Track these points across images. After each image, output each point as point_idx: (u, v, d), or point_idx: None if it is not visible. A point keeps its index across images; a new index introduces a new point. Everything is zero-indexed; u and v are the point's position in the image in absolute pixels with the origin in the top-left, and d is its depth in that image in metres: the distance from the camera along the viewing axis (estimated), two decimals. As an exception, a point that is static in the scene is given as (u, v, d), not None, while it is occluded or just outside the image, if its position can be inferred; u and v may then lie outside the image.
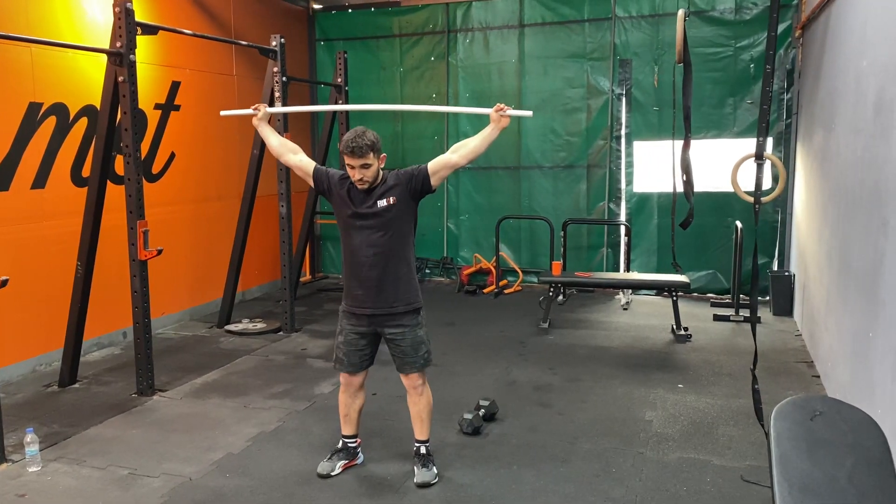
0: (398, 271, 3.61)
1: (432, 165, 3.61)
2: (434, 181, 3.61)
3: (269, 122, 3.99)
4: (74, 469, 3.91)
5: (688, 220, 5.81)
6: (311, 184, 3.78)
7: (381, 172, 3.59)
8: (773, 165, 6.82)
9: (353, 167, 3.48)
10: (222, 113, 4.36)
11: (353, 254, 3.63)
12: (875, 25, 3.83)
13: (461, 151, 3.62)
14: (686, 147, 5.47)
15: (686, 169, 5.52)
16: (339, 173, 3.70)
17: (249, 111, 3.96)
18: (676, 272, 6.99)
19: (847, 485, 1.94)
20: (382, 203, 3.55)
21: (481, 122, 9.23)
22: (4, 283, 3.87)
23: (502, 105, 3.58)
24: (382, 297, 3.61)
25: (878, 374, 3.40)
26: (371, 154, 3.46)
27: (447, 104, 8.73)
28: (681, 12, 5.46)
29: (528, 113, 3.91)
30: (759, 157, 3.70)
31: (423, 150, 8.78)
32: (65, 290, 5.29)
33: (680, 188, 5.84)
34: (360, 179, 3.50)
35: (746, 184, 6.78)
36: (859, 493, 1.93)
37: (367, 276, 3.60)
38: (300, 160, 3.82)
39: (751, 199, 4.25)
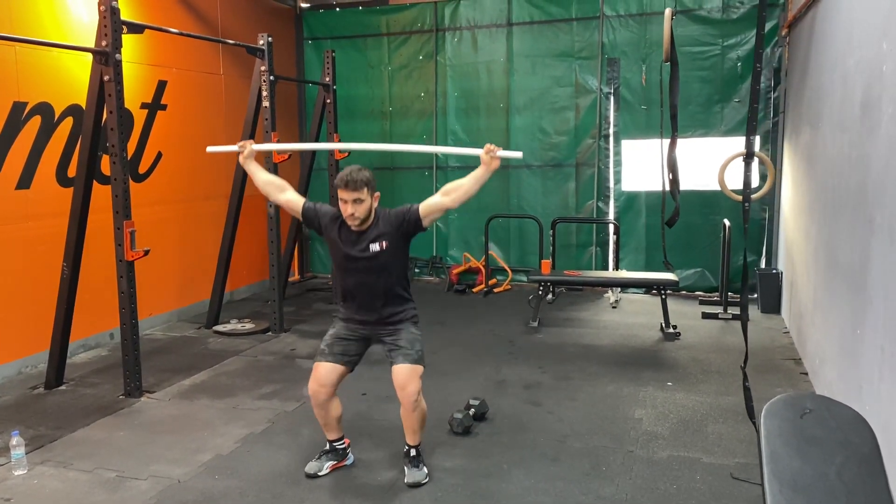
0: (392, 300, 3.68)
1: (423, 208, 3.61)
2: (425, 223, 3.63)
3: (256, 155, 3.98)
4: (61, 472, 3.88)
5: (673, 217, 5.83)
6: (301, 220, 3.79)
7: (373, 213, 3.59)
8: (760, 163, 6.85)
9: (345, 201, 3.49)
10: (209, 149, 4.33)
11: (348, 290, 3.70)
12: (862, 24, 3.85)
13: (453, 195, 3.61)
14: (673, 145, 5.49)
15: (672, 167, 5.54)
16: (329, 213, 3.70)
17: (235, 148, 3.95)
18: (668, 270, 7.01)
19: (837, 482, 1.94)
20: (374, 248, 3.57)
21: (470, 121, 9.23)
22: (-11, 284, 3.83)
23: (492, 146, 3.55)
24: (378, 321, 3.68)
25: (865, 372, 3.42)
26: (365, 189, 3.48)
27: (435, 103, 8.72)
28: (668, 11, 5.48)
29: (518, 154, 3.96)
30: (748, 155, 3.71)
31: (412, 155, 8.76)
32: (51, 291, 5.24)
33: (667, 187, 5.86)
34: (352, 215, 3.50)
35: (733, 182, 6.83)
36: (849, 490, 1.94)
37: (361, 307, 3.68)
38: (287, 199, 3.82)
39: (738, 198, 4.27)
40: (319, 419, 3.82)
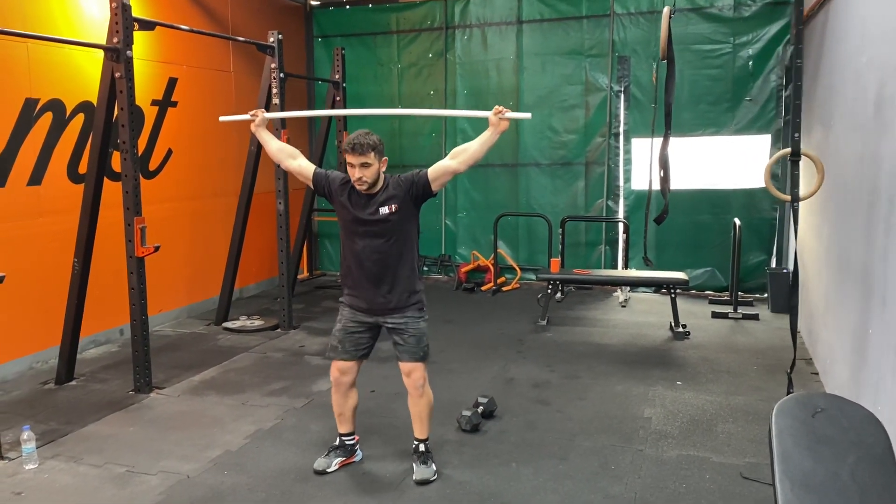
0: (400, 274, 3.62)
1: (432, 171, 3.59)
2: (435, 187, 3.60)
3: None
4: (71, 467, 3.90)
5: (662, 215, 5.79)
6: (312, 187, 3.77)
7: (382, 176, 3.58)
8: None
9: (353, 165, 3.47)
10: (221, 118, 4.33)
11: (356, 256, 3.64)
12: (875, 22, 3.83)
13: (461, 157, 3.60)
14: (665, 143, 5.46)
15: (664, 165, 5.51)
16: (339, 177, 3.69)
17: (247, 117, 3.95)
18: (647, 267, 6.97)
19: (849, 482, 1.93)
20: (384, 210, 3.55)
21: (479, 119, 9.21)
22: (1, 279, 3.85)
23: (501, 108, 3.55)
24: (384, 298, 3.63)
25: (878, 372, 3.39)
26: (372, 153, 3.46)
27: (445, 101, 8.70)
28: (666, 9, 5.46)
29: (527, 115, 3.89)
30: (795, 153, 3.66)
31: (420, 147, 8.78)
32: (61, 287, 5.26)
33: (657, 184, 5.81)
34: (360, 179, 3.49)
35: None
36: (861, 490, 1.92)
37: (368, 279, 3.62)
38: (299, 164, 3.81)
39: (786, 198, 4.24)
40: (336, 408, 3.83)
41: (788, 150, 4.09)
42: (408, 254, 3.64)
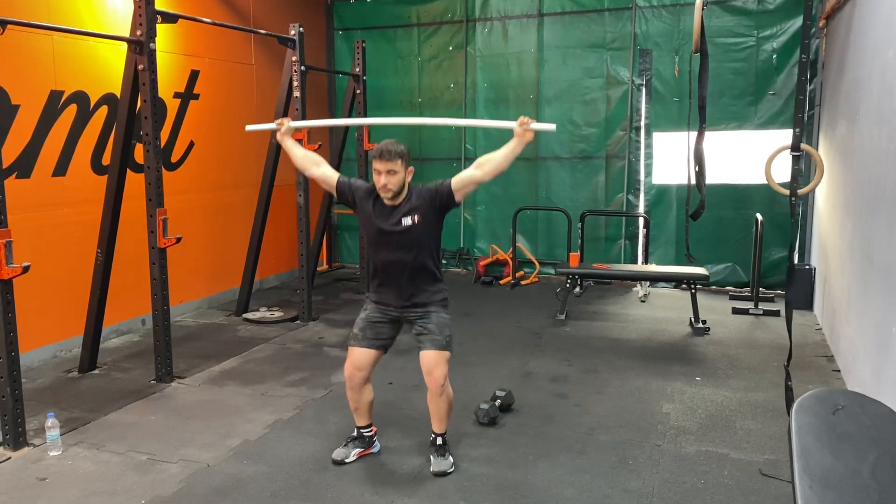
0: (422, 281, 3.67)
1: (456, 182, 3.61)
2: (458, 197, 3.62)
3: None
4: (94, 454, 3.96)
5: (698, 210, 5.74)
6: (335, 195, 3.81)
7: (406, 187, 3.60)
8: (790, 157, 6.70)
9: (379, 172, 3.51)
10: (248, 128, 4.32)
11: (380, 264, 3.69)
12: (902, 14, 3.76)
13: (485, 168, 3.61)
14: (700, 138, 5.41)
15: (699, 160, 5.46)
16: (363, 186, 3.72)
17: (273, 126, 3.97)
18: (691, 264, 6.92)
19: (869, 479, 1.91)
20: (407, 222, 3.57)
21: (498, 110, 9.18)
22: (26, 269, 3.91)
23: (526, 118, 3.53)
24: (409, 300, 3.67)
25: (900, 369, 3.35)
26: (399, 161, 3.50)
27: (465, 93, 8.70)
28: (699, 1, 5.39)
29: (552, 127, 3.81)
30: (795, 148, 3.63)
31: (440, 140, 8.78)
32: (85, 276, 5.34)
33: (693, 179, 5.76)
34: (385, 186, 3.51)
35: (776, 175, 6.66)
36: (882, 487, 1.90)
37: (392, 286, 3.68)
38: (323, 172, 3.84)
39: (785, 192, 4.20)
40: (351, 403, 3.85)
41: (788, 145, 4.04)
42: (430, 262, 3.69)
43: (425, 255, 3.65)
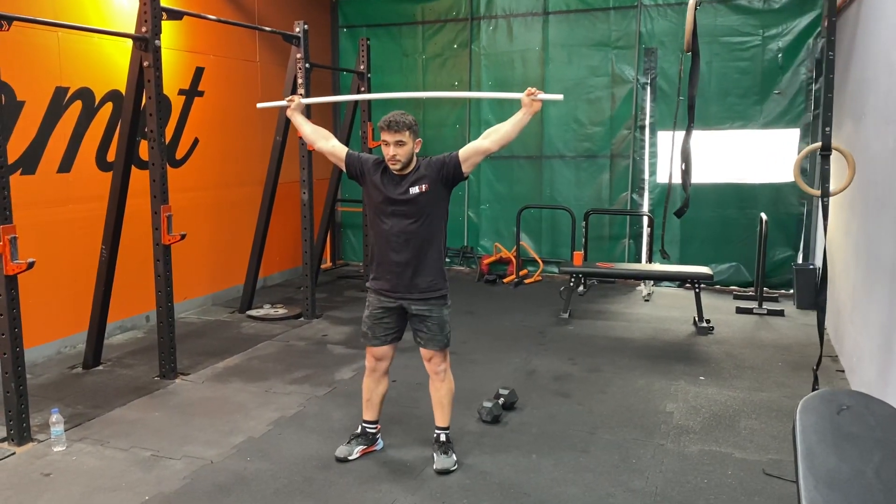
0: (427, 257, 3.64)
1: (463, 152, 3.61)
2: (466, 168, 3.61)
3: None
4: (98, 450, 3.97)
5: (682, 208, 5.74)
6: (344, 169, 3.81)
7: (414, 158, 3.61)
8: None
9: (388, 143, 3.51)
10: (259, 105, 4.41)
11: (384, 238, 3.66)
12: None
13: (493, 137, 3.61)
14: (688, 136, 5.40)
15: (686, 158, 5.45)
16: (372, 158, 3.73)
17: (284, 103, 4.00)
18: (663, 259, 6.92)
19: (874, 480, 1.91)
20: (415, 190, 3.57)
21: (503, 110, 9.21)
22: (31, 265, 3.91)
23: (533, 89, 3.54)
24: (410, 282, 3.65)
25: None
26: (407, 132, 3.51)
27: (469, 91, 8.68)
28: (692, 1, 5.39)
29: (559, 97, 3.83)
30: (825, 148, 3.60)
31: (445, 138, 8.77)
32: (89, 273, 5.34)
33: (677, 178, 5.74)
34: (393, 157, 3.52)
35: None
36: (886, 488, 1.90)
37: (395, 261, 3.63)
38: (332, 146, 3.86)
39: (816, 193, 4.18)
40: (366, 392, 3.87)
41: (819, 144, 4.02)
42: (435, 238, 3.66)
43: (430, 228, 3.62)
